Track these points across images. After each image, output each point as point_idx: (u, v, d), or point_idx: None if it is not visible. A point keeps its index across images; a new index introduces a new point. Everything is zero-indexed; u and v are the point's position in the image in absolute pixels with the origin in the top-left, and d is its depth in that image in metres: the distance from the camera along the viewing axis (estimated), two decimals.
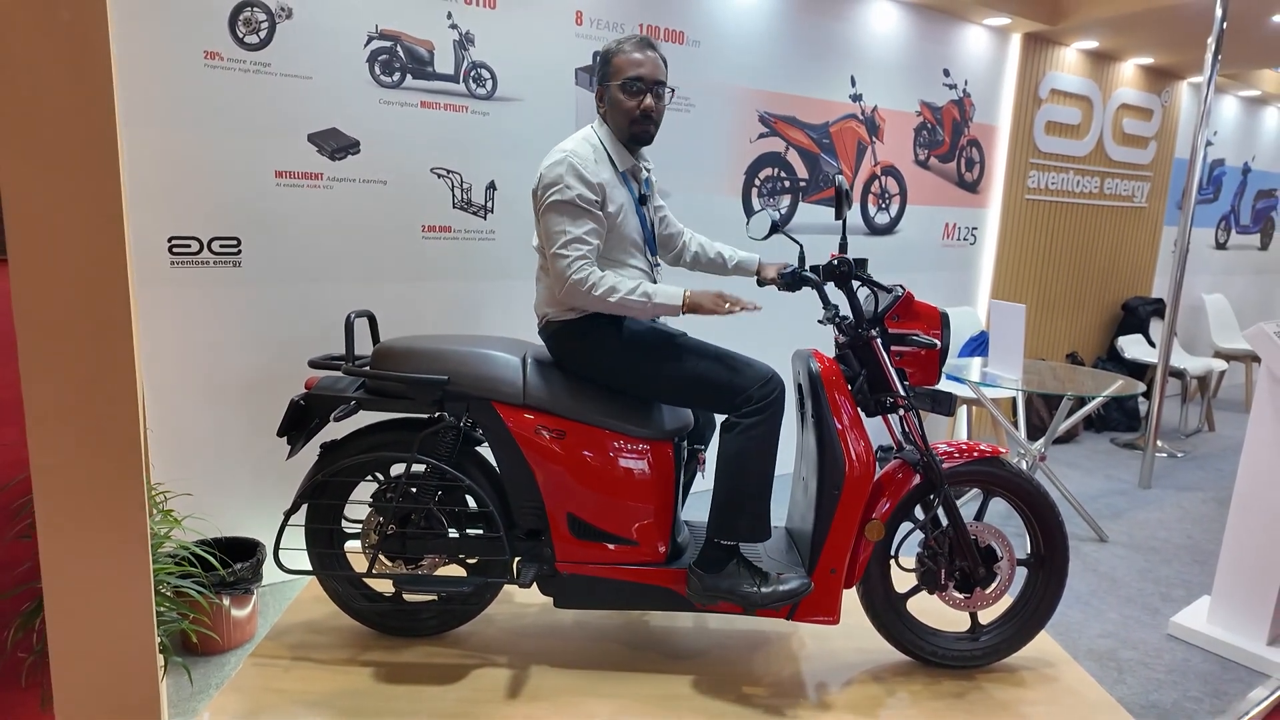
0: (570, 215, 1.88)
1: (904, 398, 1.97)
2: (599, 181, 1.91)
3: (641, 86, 1.95)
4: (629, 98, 1.95)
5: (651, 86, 1.96)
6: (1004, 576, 2.08)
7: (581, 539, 1.98)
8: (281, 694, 1.92)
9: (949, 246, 4.72)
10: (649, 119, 1.98)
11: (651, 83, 1.95)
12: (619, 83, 1.95)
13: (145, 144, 2.43)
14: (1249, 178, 6.83)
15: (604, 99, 2.00)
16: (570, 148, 1.93)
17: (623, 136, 2.00)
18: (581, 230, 1.89)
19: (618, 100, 1.96)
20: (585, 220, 1.89)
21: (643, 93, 1.95)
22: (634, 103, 1.95)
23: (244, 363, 2.69)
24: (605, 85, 1.99)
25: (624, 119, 1.97)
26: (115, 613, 1.55)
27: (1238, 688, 2.40)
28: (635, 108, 1.95)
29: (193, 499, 2.62)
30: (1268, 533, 2.51)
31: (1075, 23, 4.48)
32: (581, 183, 1.88)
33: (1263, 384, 2.50)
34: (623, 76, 1.95)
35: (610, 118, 2.00)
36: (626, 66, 1.95)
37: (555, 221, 1.90)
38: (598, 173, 1.92)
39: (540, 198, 1.92)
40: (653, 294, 1.89)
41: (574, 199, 1.88)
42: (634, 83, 1.94)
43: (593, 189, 1.90)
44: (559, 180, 1.89)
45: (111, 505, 1.50)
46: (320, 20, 2.64)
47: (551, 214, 1.90)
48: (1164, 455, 4.91)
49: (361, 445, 2.04)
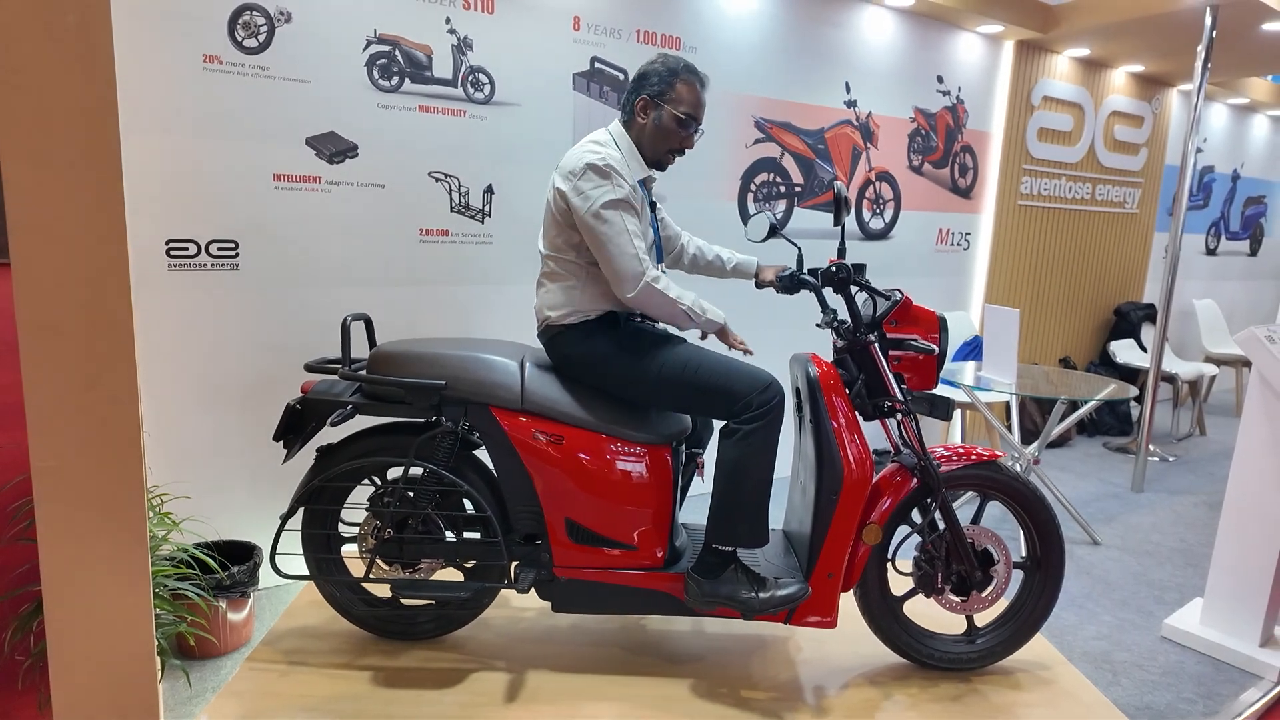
0: (628, 214, 1.88)
1: (901, 402, 1.98)
2: (632, 182, 1.93)
3: (695, 126, 1.97)
4: (680, 129, 1.96)
5: (699, 126, 1.99)
6: (1000, 579, 2.10)
7: (579, 544, 1.99)
8: (278, 698, 1.91)
9: (943, 252, 4.75)
10: (682, 154, 2.02)
11: (700, 123, 1.99)
12: (678, 112, 1.94)
13: (144, 146, 2.43)
14: (1238, 184, 6.89)
15: (648, 113, 1.96)
16: (602, 151, 1.90)
17: (649, 156, 2.00)
18: (639, 229, 1.90)
19: (668, 127, 1.95)
20: (634, 218, 1.90)
21: (694, 131, 1.98)
22: (681, 135, 1.97)
23: (242, 365, 2.69)
24: (659, 104, 1.94)
25: (663, 145, 1.98)
26: (114, 615, 1.54)
27: (1231, 689, 2.42)
28: (679, 141, 1.97)
29: (190, 502, 2.62)
30: (1259, 535, 2.53)
31: (1066, 31, 4.52)
32: (628, 183, 1.90)
33: (1253, 388, 2.53)
34: (683, 108, 1.94)
35: (645, 133, 1.97)
36: (690, 99, 1.94)
37: (613, 219, 1.85)
38: (630, 176, 1.93)
39: (586, 199, 1.86)
40: (706, 309, 1.96)
41: (627, 196, 1.88)
42: (692, 120, 1.95)
43: (634, 188, 1.92)
44: (608, 179, 1.86)
45: (112, 508, 1.50)
46: (319, 24, 2.65)
47: (608, 210, 1.85)
48: (1156, 459, 4.95)
49: (358, 449, 2.04)
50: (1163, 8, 4.04)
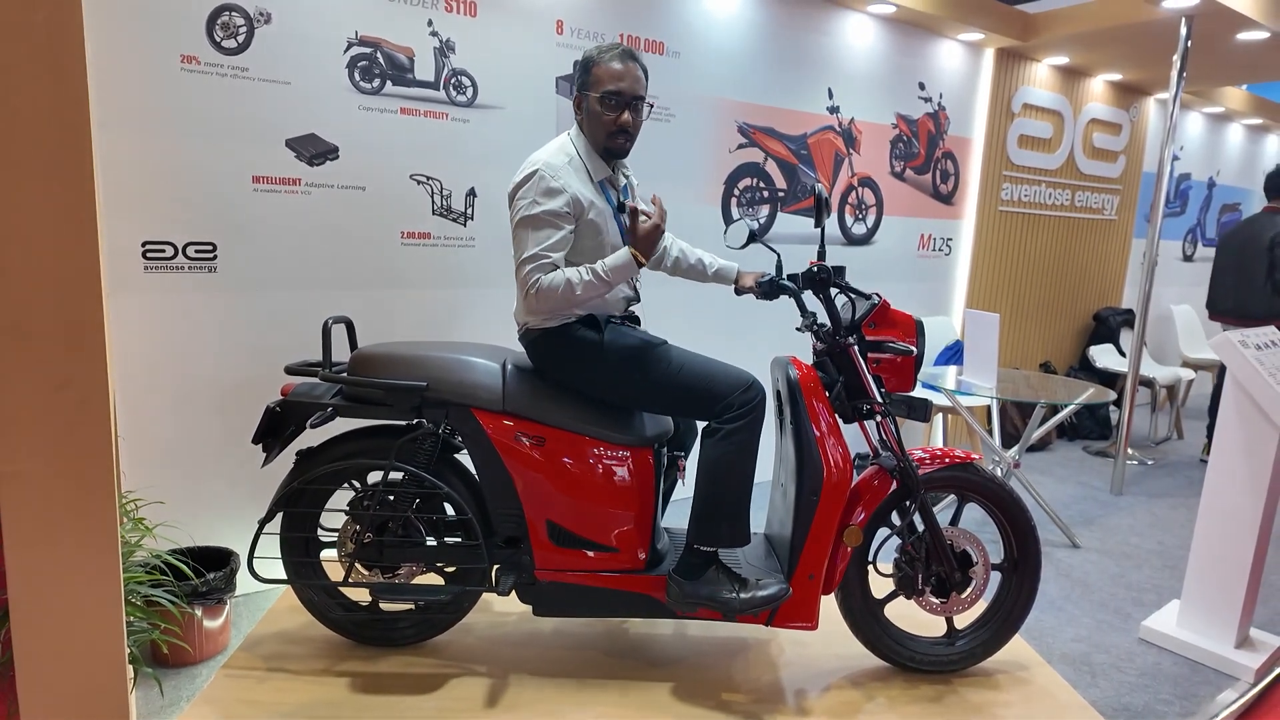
0: (534, 230, 1.87)
1: (880, 404, 2.00)
2: (572, 193, 1.89)
3: (620, 101, 1.92)
4: (606, 110, 1.92)
5: (630, 101, 1.92)
6: (979, 581, 2.11)
7: (561, 546, 1.98)
8: (255, 705, 1.89)
9: (925, 257, 4.79)
10: (625, 134, 1.95)
11: (630, 97, 1.92)
12: (597, 95, 1.92)
13: (120, 147, 2.40)
14: (1214, 192, 7.00)
15: (581, 108, 1.98)
16: (542, 158, 1.91)
17: (598, 148, 1.99)
18: (541, 246, 1.86)
19: (595, 112, 1.94)
20: (546, 232, 1.87)
21: (621, 107, 1.92)
22: (611, 116, 1.93)
23: (219, 369, 2.66)
24: (584, 94, 1.96)
25: (600, 132, 1.95)
26: (84, 622, 1.52)
27: (1207, 690, 2.45)
28: (612, 122, 1.93)
29: (165, 507, 2.58)
30: (1234, 538, 2.56)
31: (1046, 39, 4.57)
32: (548, 197, 1.86)
33: (1228, 392, 2.56)
34: (601, 89, 1.91)
35: (587, 127, 1.98)
36: (606, 78, 1.91)
37: (518, 237, 1.91)
38: (569, 183, 1.89)
39: (511, 212, 1.92)
40: (604, 268, 1.87)
41: (539, 214, 1.86)
42: (612, 96, 1.91)
43: (560, 200, 1.87)
44: (525, 195, 1.88)
45: (82, 513, 1.48)
46: (299, 25, 2.63)
47: (516, 230, 1.91)
48: (1135, 462, 5.00)
49: (338, 452, 2.02)
50: (1138, 17, 4.10)
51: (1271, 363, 2.52)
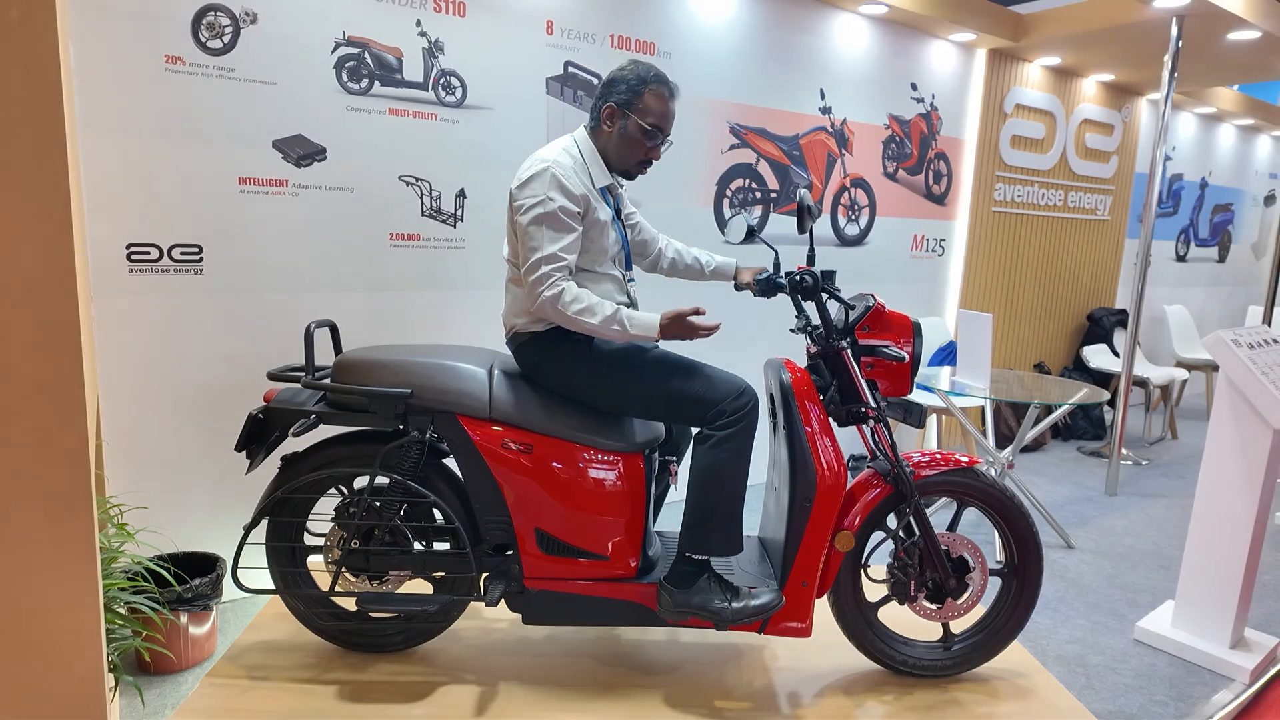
0: (551, 228, 1.83)
1: (874, 408, 1.97)
2: (581, 193, 1.86)
3: (663, 137, 1.94)
4: (646, 139, 1.92)
5: (667, 138, 1.96)
6: (976, 587, 2.09)
7: (550, 554, 1.95)
8: (240, 714, 1.85)
9: (918, 258, 4.78)
10: (650, 165, 1.99)
11: (668, 134, 1.96)
12: (645, 122, 1.90)
13: (104, 149, 2.37)
14: (1206, 192, 7.02)
15: (614, 121, 1.93)
16: (551, 157, 1.87)
17: (616, 166, 1.97)
18: (559, 246, 1.83)
19: (633, 137, 1.92)
20: (565, 234, 1.84)
21: (660, 142, 1.94)
22: (648, 145, 1.93)
23: (204, 373, 2.62)
24: (626, 113, 1.91)
25: (630, 155, 1.95)
26: (61, 630, 1.48)
27: (1202, 690, 2.43)
28: (646, 153, 1.95)
29: (149, 512, 2.55)
30: (1228, 538, 2.55)
31: (1038, 40, 4.57)
32: (564, 194, 1.83)
33: (1221, 391, 2.55)
34: (650, 118, 1.90)
35: (611, 141, 1.94)
36: (658, 109, 1.91)
37: (534, 235, 1.83)
38: (580, 183, 1.87)
39: (520, 209, 1.86)
40: (628, 323, 1.84)
41: (556, 211, 1.82)
42: (658, 131, 1.92)
43: (575, 200, 1.85)
44: (541, 192, 1.83)
45: (59, 519, 1.45)
46: (286, 26, 2.60)
47: (532, 227, 1.84)
48: (1129, 463, 5.00)
49: (323, 459, 1.99)
50: (1130, 17, 4.10)
51: (1264, 361, 2.51)
